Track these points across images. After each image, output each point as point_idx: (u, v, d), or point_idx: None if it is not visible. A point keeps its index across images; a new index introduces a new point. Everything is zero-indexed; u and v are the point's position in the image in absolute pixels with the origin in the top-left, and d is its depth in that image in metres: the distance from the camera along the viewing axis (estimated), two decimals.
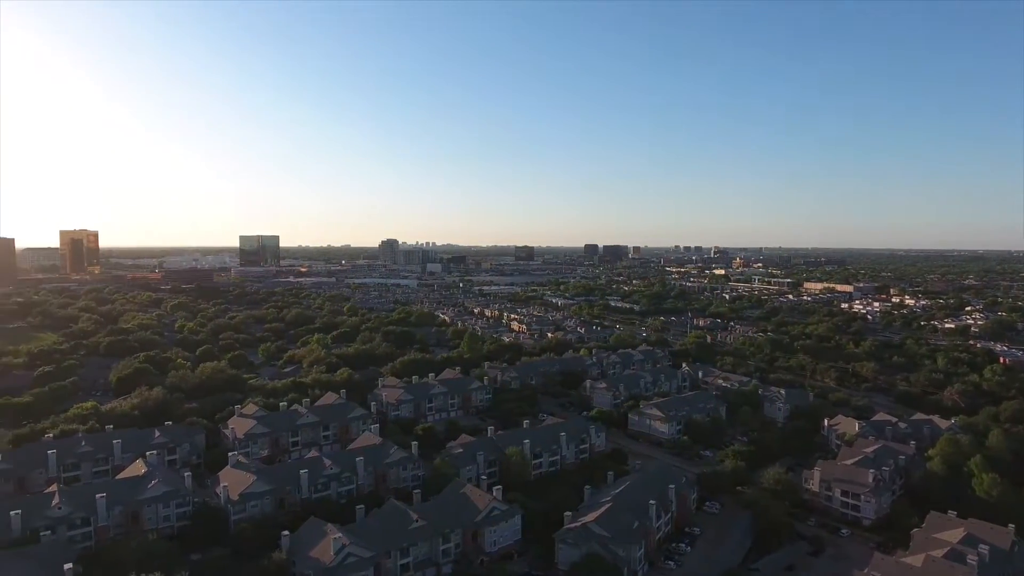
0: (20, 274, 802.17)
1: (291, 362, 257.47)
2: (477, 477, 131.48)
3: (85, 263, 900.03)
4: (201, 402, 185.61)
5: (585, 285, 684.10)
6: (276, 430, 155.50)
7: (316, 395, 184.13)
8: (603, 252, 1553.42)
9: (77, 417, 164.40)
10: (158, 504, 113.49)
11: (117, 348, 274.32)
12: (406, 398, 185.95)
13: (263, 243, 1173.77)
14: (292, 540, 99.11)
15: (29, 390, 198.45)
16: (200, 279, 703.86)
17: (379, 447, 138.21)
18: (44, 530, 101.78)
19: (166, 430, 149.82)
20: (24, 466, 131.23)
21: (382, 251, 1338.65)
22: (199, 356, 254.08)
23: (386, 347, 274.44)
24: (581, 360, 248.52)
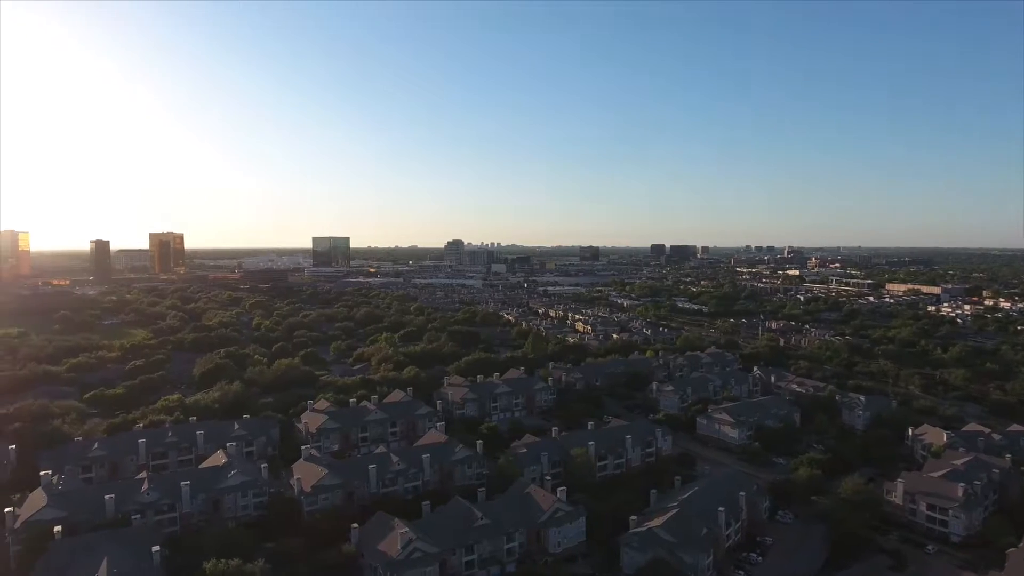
0: (114, 274, 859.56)
1: (360, 360, 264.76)
2: (541, 477, 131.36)
3: (172, 264, 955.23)
4: (276, 397, 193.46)
5: (651, 286, 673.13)
6: (346, 425, 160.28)
7: (384, 392, 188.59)
8: (670, 252, 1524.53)
9: (164, 408, 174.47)
10: (237, 493, 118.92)
11: (200, 344, 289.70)
12: (471, 397, 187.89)
13: (334, 244, 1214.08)
14: (361, 533, 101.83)
15: (122, 382, 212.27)
16: (276, 279, 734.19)
17: (445, 445, 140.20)
18: (135, 514, 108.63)
19: (244, 423, 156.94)
20: (117, 453, 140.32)
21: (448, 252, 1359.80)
22: (274, 353, 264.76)
23: (451, 346, 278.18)
24: (647, 362, 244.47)
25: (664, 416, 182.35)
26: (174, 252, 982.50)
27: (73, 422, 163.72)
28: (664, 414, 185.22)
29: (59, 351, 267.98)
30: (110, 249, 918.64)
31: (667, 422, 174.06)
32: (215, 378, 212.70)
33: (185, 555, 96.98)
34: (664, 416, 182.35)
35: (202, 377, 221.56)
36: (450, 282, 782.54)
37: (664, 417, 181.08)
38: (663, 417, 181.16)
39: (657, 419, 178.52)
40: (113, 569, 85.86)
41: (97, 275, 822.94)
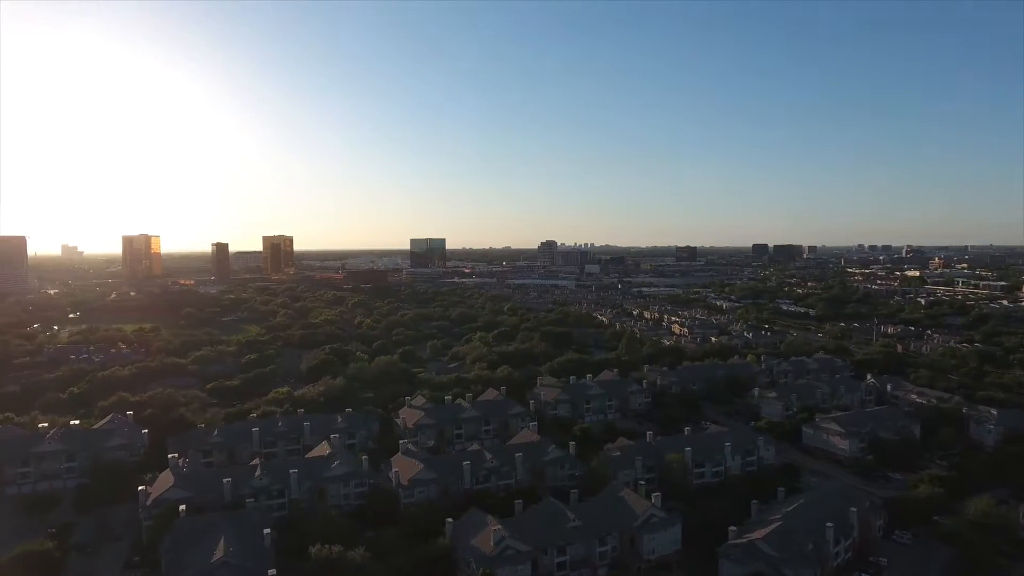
0: (232, 274, 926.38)
1: (455, 358, 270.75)
2: (635, 482, 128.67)
3: (282, 265, 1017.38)
4: (376, 392, 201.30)
5: (753, 287, 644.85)
6: (441, 422, 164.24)
7: (478, 391, 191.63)
8: (773, 252, 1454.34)
9: (275, 400, 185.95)
10: (340, 483, 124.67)
11: (307, 340, 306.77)
12: (564, 398, 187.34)
13: (431, 246, 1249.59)
14: (455, 527, 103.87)
15: (239, 375, 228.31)
16: (376, 279, 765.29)
17: (537, 444, 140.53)
18: (248, 497, 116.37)
19: (347, 416, 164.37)
20: (234, 440, 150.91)
21: (541, 252, 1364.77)
22: (375, 350, 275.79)
23: (544, 347, 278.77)
24: (748, 367, 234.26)
25: (766, 424, 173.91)
26: (284, 254, 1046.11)
27: (196, 410, 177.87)
28: (766, 421, 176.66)
29: (185, 345, 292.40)
30: (229, 252, 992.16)
31: (769, 430, 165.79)
32: (321, 373, 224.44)
33: (293, 538, 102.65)
34: (766, 424, 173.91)
35: (309, 372, 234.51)
36: (543, 282, 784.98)
37: (766, 425, 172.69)
38: (765, 425, 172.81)
39: (758, 426, 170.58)
40: (230, 547, 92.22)
41: (217, 275, 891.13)
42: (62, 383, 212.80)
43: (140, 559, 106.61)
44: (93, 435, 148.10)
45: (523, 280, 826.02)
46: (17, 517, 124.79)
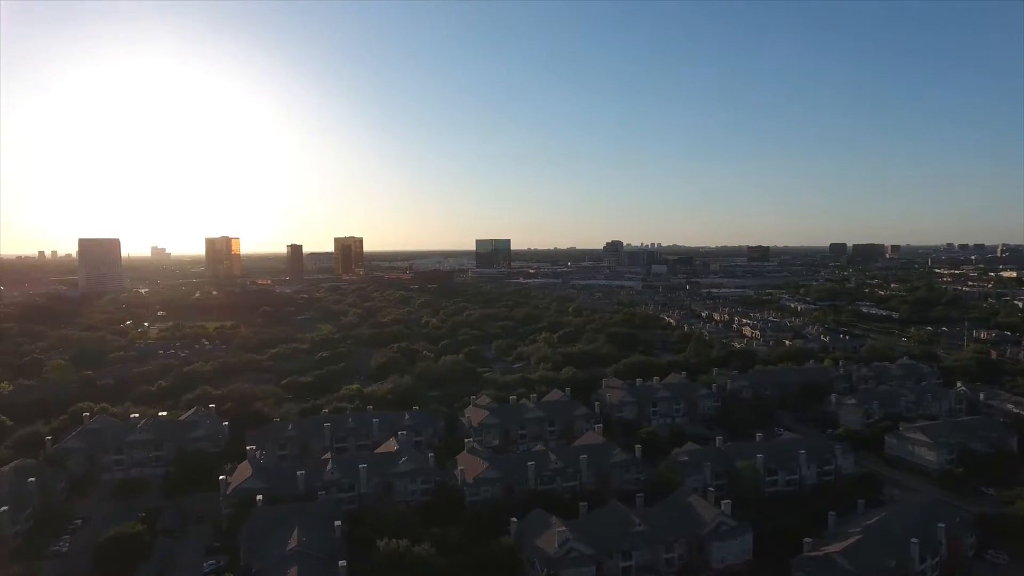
0: (306, 275, 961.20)
1: (520, 358, 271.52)
2: (703, 488, 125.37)
3: (352, 265, 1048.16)
4: (442, 391, 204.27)
5: (830, 288, 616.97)
6: (506, 422, 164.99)
7: (542, 391, 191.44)
8: (852, 252, 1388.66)
9: (345, 397, 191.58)
10: (407, 479, 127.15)
11: (376, 339, 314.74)
12: (629, 400, 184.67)
13: (496, 246, 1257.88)
14: (520, 527, 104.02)
15: (311, 371, 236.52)
16: (442, 279, 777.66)
17: (602, 447, 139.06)
18: (320, 490, 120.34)
19: (414, 414, 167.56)
20: (307, 434, 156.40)
21: (606, 253, 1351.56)
22: (441, 349, 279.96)
23: (610, 348, 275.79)
24: (825, 371, 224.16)
25: (844, 432, 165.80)
26: (354, 255, 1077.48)
27: (272, 405, 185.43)
28: (844, 430, 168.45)
29: (262, 342, 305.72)
30: (302, 253, 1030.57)
31: (848, 439, 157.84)
32: (389, 371, 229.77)
33: (362, 531, 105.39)
34: (844, 432, 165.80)
35: (377, 369, 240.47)
36: (608, 283, 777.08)
37: (844, 433, 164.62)
38: (843, 433, 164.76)
39: (836, 435, 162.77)
40: (303, 537, 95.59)
41: (292, 275, 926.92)
42: (151, 377, 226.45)
43: (220, 545, 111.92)
44: (179, 426, 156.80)
45: (588, 281, 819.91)
46: (112, 501, 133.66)
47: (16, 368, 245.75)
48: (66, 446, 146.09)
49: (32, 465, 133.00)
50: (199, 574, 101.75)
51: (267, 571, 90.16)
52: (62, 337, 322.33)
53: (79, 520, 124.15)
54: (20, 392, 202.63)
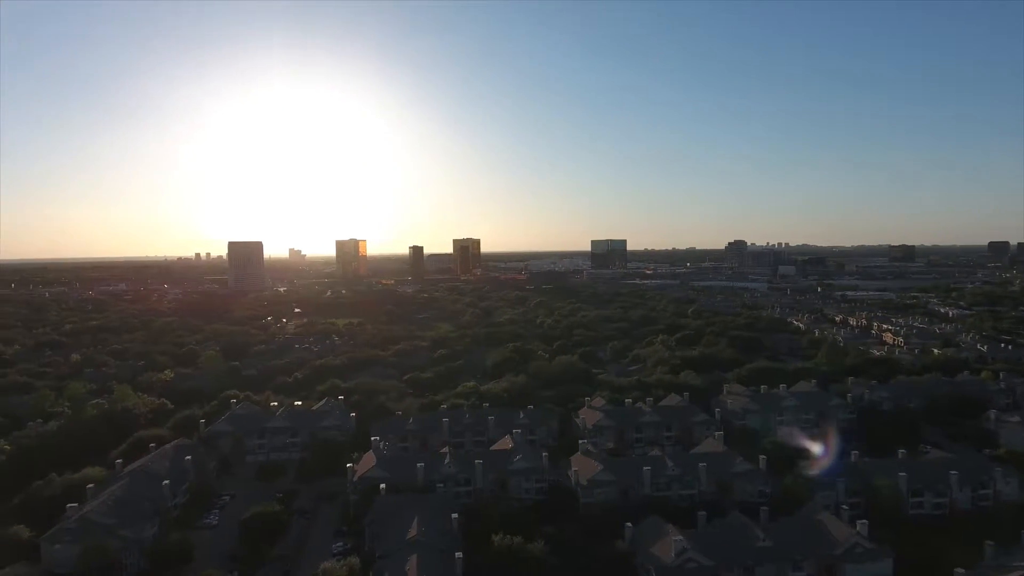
0: (426, 275, 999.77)
1: (636, 361, 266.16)
2: (835, 505, 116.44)
3: (470, 266, 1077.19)
4: (556, 391, 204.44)
5: (988, 292, 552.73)
6: (621, 424, 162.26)
7: (659, 395, 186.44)
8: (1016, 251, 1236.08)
9: (462, 394, 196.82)
10: (521, 477, 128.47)
11: (492, 338, 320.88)
12: (753, 408, 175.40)
13: (612, 247, 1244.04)
14: (634, 532, 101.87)
15: (431, 368, 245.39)
16: (557, 280, 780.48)
17: (723, 455, 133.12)
18: (439, 483, 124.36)
19: (528, 412, 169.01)
20: (426, 429, 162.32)
21: (729, 253, 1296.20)
22: (555, 349, 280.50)
23: (731, 352, 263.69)
24: (982, 384, 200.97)
25: (1007, 453, 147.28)
26: (472, 256, 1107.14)
27: (394, 399, 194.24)
28: (1007, 451, 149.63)
29: (385, 339, 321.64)
30: (423, 254, 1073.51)
31: (1011, 461, 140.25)
32: (504, 370, 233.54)
33: (477, 525, 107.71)
34: (1007, 453, 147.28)
35: (493, 368, 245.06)
36: (731, 285, 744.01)
37: (1007, 454, 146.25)
38: (1005, 454, 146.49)
39: (996, 455, 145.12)
40: (422, 527, 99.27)
41: (413, 276, 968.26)
42: (288, 369, 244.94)
43: (347, 528, 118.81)
44: (312, 415, 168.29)
45: (708, 282, 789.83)
46: (254, 481, 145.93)
47: (176, 357, 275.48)
48: (216, 429, 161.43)
49: (189, 445, 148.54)
50: (328, 554, 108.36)
51: (389, 556, 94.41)
52: (214, 331, 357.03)
53: (227, 496, 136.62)
54: (179, 379, 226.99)
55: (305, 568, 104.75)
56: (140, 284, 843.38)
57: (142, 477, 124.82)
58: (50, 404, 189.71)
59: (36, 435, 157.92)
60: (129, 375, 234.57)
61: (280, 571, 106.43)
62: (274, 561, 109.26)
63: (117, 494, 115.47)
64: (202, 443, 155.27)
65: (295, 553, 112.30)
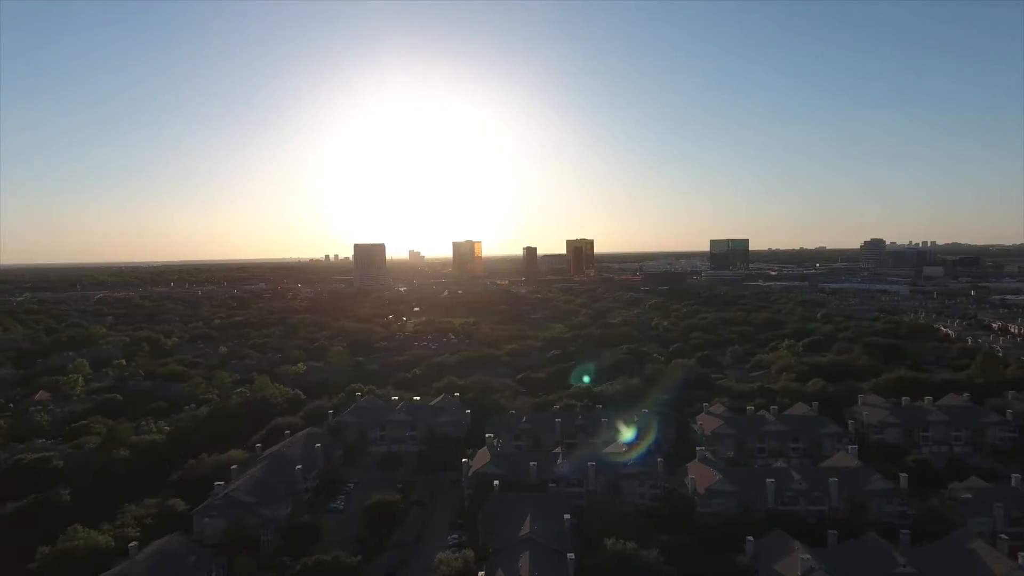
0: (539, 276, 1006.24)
1: (759, 366, 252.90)
2: (992, 534, 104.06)
3: (583, 267, 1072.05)
4: (672, 395, 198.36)
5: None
6: (742, 433, 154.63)
7: (784, 404, 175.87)
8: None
9: (575, 395, 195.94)
10: (635, 481, 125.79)
11: (605, 340, 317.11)
12: (892, 421, 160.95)
13: (732, 247, 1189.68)
14: (756, 547, 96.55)
15: (544, 368, 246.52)
16: (673, 281, 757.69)
17: (857, 471, 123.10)
18: (551, 482, 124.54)
19: (642, 416, 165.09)
20: (539, 428, 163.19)
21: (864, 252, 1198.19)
22: (671, 352, 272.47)
23: (867, 360, 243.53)
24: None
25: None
26: (585, 257, 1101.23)
27: (508, 397, 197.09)
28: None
29: (499, 338, 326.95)
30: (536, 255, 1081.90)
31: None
32: (617, 372, 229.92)
33: (589, 528, 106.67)
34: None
35: (606, 369, 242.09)
36: (866, 287, 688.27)
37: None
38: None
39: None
40: (534, 525, 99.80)
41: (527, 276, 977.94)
42: (408, 365, 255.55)
43: (462, 521, 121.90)
44: (429, 410, 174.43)
45: (841, 284, 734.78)
46: (376, 471, 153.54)
47: (308, 352, 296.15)
48: (342, 420, 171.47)
49: (318, 433, 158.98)
50: (444, 545, 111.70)
51: (502, 552, 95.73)
52: (341, 328, 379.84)
53: (351, 484, 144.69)
54: (310, 372, 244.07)
55: (422, 557, 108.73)
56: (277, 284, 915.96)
57: (278, 461, 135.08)
58: (202, 391, 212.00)
59: (190, 418, 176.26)
60: (267, 367, 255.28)
61: (399, 558, 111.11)
62: (393, 548, 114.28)
63: (257, 475, 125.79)
64: (330, 432, 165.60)
65: (413, 542, 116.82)
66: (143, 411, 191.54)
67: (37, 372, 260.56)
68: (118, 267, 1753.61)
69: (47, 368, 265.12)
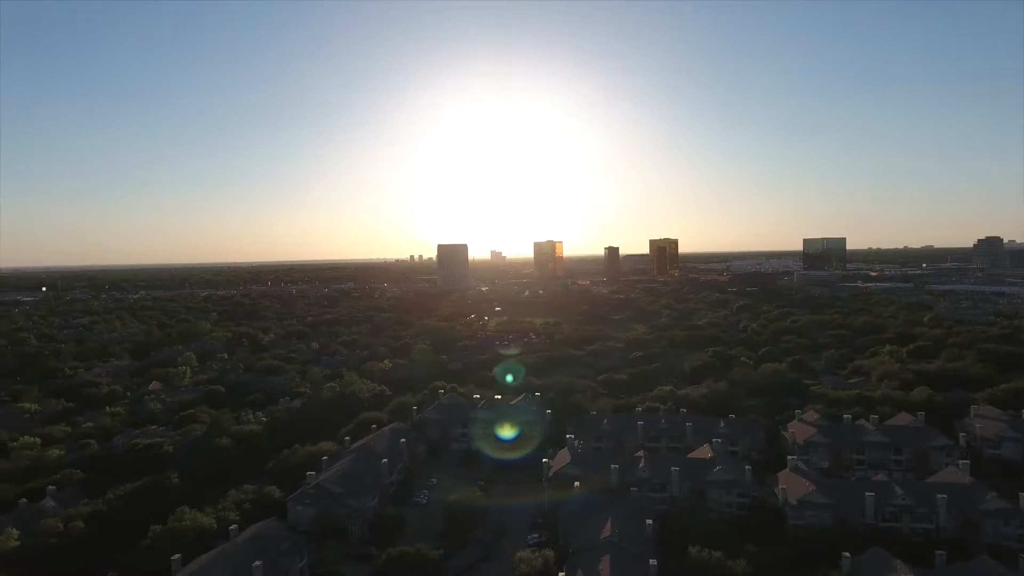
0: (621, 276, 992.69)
1: (857, 372, 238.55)
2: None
3: (667, 267, 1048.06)
4: (761, 400, 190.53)
5: None
6: (838, 442, 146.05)
7: (885, 413, 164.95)
8: None
9: (658, 397, 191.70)
10: (721, 489, 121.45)
11: (690, 341, 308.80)
12: (1011, 435, 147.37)
13: (828, 246, 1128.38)
14: (853, 564, 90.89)
15: (625, 369, 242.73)
16: (763, 282, 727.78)
17: (968, 488, 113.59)
18: (632, 486, 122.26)
19: (729, 422, 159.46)
20: (620, 430, 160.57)
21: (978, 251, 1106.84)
22: (761, 356, 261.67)
23: (981, 368, 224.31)
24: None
25: None
26: (669, 256, 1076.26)
27: (588, 398, 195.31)
28: None
29: (580, 339, 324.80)
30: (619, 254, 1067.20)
31: None
32: (703, 375, 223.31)
33: (672, 534, 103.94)
34: None
35: (691, 372, 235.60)
36: (980, 289, 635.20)
37: None
38: None
39: None
40: (615, 528, 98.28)
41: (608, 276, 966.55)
42: (489, 363, 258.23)
43: (542, 521, 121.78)
44: (509, 409, 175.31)
45: (951, 286, 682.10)
46: (457, 468, 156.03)
47: (394, 349, 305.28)
48: (426, 416, 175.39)
49: (403, 429, 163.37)
50: (524, 543, 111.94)
51: (582, 553, 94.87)
52: (424, 326, 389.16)
53: (434, 480, 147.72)
54: (396, 369, 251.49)
55: (502, 554, 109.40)
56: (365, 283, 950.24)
57: (365, 454, 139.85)
58: (295, 385, 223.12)
59: (285, 410, 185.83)
60: (355, 363, 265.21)
61: (480, 554, 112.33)
62: (474, 544, 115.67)
63: (345, 467, 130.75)
64: (414, 428, 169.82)
65: (493, 539, 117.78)
66: (242, 402, 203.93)
67: (151, 364, 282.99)
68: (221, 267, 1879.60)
69: (159, 360, 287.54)
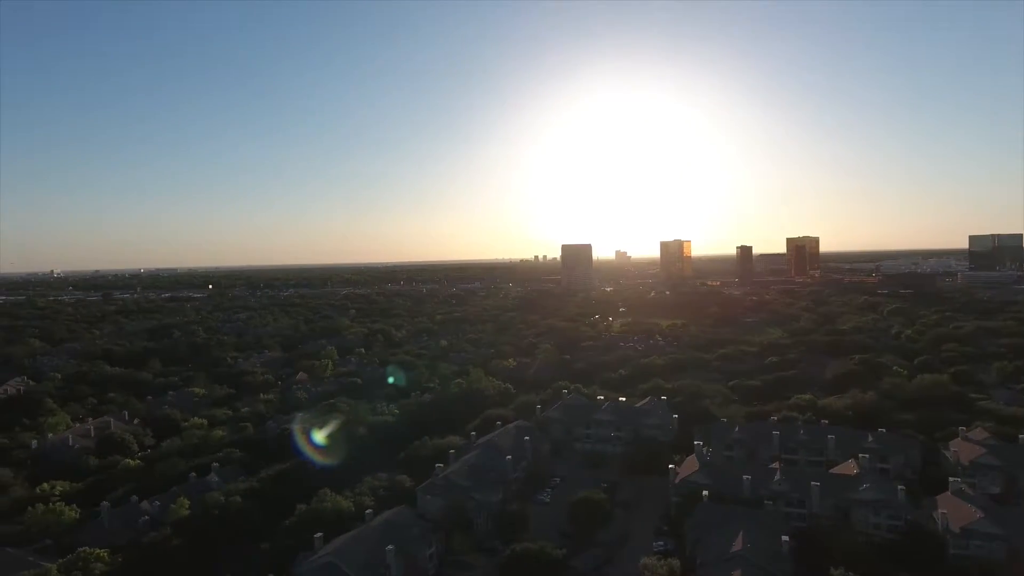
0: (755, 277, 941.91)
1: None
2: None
3: (807, 267, 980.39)
4: (916, 415, 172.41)
5: None
6: (1012, 465, 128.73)
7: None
8: None
9: (796, 406, 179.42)
10: (869, 509, 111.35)
11: (833, 347, 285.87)
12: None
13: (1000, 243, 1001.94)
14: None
15: (759, 376, 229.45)
16: (920, 284, 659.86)
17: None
18: (767, 499, 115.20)
19: (879, 436, 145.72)
20: (754, 440, 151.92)
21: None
22: (916, 366, 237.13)
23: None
24: None
25: None
26: (809, 256, 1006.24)
27: (718, 404, 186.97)
28: None
29: (710, 342, 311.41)
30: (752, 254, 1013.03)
31: None
32: (847, 384, 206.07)
33: (811, 554, 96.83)
34: None
35: (834, 381, 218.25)
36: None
37: None
38: None
39: None
40: (748, 543, 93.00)
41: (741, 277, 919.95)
42: (613, 365, 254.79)
43: (668, 529, 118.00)
44: (634, 412, 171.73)
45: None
46: (580, 468, 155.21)
47: (518, 348, 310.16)
48: (549, 415, 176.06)
49: (527, 426, 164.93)
50: (649, 550, 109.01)
51: (711, 565, 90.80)
52: (548, 326, 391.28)
53: (557, 479, 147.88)
54: (519, 368, 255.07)
55: (626, 559, 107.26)
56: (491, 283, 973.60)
57: (490, 449, 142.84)
58: (425, 380, 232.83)
59: (416, 404, 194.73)
60: (481, 360, 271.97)
61: (603, 557, 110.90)
62: (598, 546, 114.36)
63: (472, 461, 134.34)
64: (537, 426, 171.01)
65: (617, 543, 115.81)
66: (377, 394, 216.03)
67: (297, 356, 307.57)
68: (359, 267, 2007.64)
69: (305, 353, 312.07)
